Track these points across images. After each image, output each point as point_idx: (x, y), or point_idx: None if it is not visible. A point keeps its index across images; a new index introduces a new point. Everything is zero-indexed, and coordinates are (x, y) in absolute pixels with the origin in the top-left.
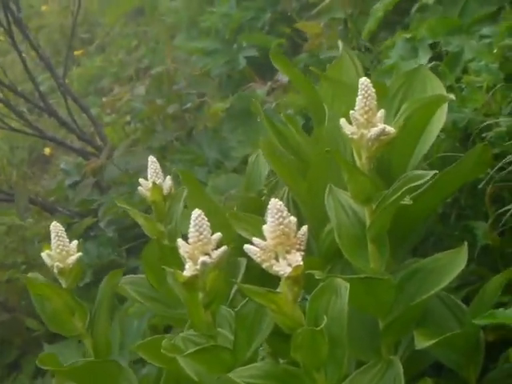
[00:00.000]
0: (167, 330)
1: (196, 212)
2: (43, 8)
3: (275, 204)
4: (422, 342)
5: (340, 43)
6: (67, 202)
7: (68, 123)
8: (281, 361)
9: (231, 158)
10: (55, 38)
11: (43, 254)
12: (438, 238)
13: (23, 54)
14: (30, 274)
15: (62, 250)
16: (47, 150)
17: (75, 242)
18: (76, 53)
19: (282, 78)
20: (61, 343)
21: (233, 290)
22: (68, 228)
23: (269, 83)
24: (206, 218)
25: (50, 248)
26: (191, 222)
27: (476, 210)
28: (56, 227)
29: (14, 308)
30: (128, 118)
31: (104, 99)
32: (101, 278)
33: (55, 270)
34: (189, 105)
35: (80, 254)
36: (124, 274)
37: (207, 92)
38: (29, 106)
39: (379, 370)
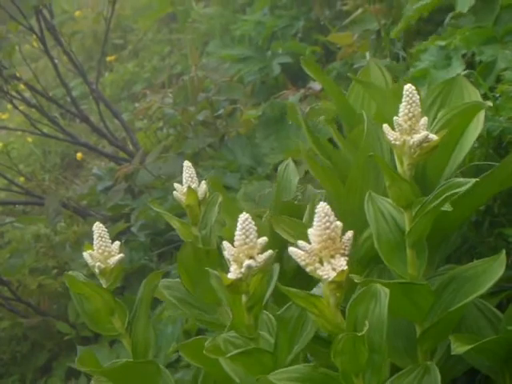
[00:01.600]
0: (200, 334)
1: (244, 215)
2: (77, 13)
3: (323, 208)
4: (458, 348)
5: (367, 54)
6: (99, 206)
7: (100, 129)
8: None
9: (264, 164)
10: (88, 43)
11: (85, 254)
12: (471, 245)
13: (55, 60)
14: (70, 272)
15: (104, 250)
16: (79, 155)
17: (117, 243)
18: (109, 58)
19: (315, 85)
20: (93, 346)
21: (266, 296)
22: None
23: (302, 90)
24: (253, 222)
25: (91, 248)
26: (238, 225)
27: (509, 218)
28: (99, 228)
29: (46, 312)
30: (160, 123)
31: (137, 105)
32: (132, 283)
33: (96, 270)
34: (221, 111)
35: (122, 255)
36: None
37: (239, 99)
38: (61, 111)
39: (416, 375)
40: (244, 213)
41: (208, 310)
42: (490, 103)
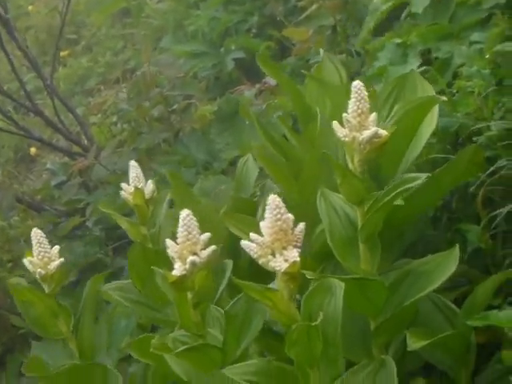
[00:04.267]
0: (155, 328)
1: (184, 212)
2: (30, 8)
3: (274, 200)
4: (413, 344)
5: (321, 50)
6: (54, 201)
7: (54, 123)
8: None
9: (219, 159)
10: (42, 38)
11: (25, 261)
12: (428, 240)
13: (10, 54)
14: (12, 279)
15: (43, 256)
16: (33, 150)
17: (57, 248)
18: (62, 53)
19: (270, 80)
20: (47, 340)
21: (219, 291)
22: (55, 227)
23: (257, 85)
24: (195, 218)
25: (32, 254)
26: (180, 221)
27: (467, 214)
28: (37, 234)
29: (0, 305)
30: (114, 118)
31: (91, 100)
32: (87, 277)
33: (37, 277)
34: (175, 106)
35: (62, 259)
36: (110, 274)
37: (194, 94)
38: (15, 105)
39: (372, 369)
40: (185, 209)
41: (160, 308)
42: (444, 98)
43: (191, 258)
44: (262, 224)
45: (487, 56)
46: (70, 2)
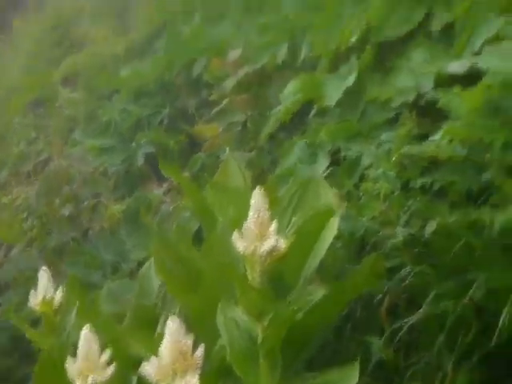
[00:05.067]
0: None
1: (85, 329)
2: None
3: (173, 323)
4: None
5: (227, 149)
6: None
7: None
8: None
9: (128, 260)
10: None
11: None
12: (334, 350)
13: None
14: None
15: None
16: None
17: None
18: None
19: None
20: None
21: None
22: None
23: (165, 184)
24: (95, 336)
25: None
26: (80, 339)
27: (371, 323)
28: None
29: None
30: (25, 214)
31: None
32: None
33: None
34: (85, 204)
35: None
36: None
37: (103, 192)
38: None
39: None
40: (85, 327)
41: None
42: (343, 207)
43: (91, 377)
44: (161, 347)
45: (394, 158)
46: None
